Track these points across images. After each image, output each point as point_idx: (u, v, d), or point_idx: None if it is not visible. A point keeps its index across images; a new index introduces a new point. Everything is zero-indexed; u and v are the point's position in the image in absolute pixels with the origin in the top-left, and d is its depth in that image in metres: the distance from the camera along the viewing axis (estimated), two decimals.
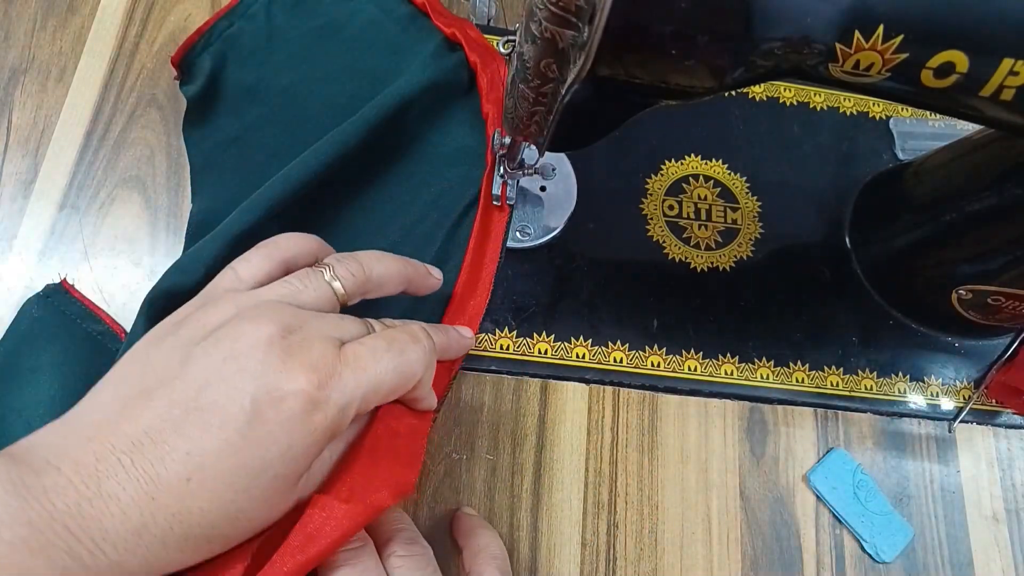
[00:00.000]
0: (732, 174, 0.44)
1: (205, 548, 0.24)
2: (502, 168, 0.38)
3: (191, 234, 0.38)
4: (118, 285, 0.37)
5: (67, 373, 0.33)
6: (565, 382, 0.38)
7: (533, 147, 0.34)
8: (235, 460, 0.23)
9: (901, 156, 0.45)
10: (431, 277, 0.33)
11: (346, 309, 0.30)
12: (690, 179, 0.43)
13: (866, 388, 0.39)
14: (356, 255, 0.31)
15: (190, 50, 0.41)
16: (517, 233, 0.39)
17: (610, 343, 0.38)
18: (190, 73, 0.41)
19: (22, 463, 0.22)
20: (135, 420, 0.23)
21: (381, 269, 0.30)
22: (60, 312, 0.35)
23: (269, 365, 0.24)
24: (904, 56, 0.25)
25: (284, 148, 0.39)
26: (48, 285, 0.36)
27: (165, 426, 0.23)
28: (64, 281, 0.36)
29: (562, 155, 0.42)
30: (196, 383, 0.24)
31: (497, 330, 0.38)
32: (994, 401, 0.40)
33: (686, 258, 0.41)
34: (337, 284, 0.29)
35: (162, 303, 0.31)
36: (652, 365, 0.38)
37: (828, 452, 0.37)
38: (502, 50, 0.42)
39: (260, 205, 0.34)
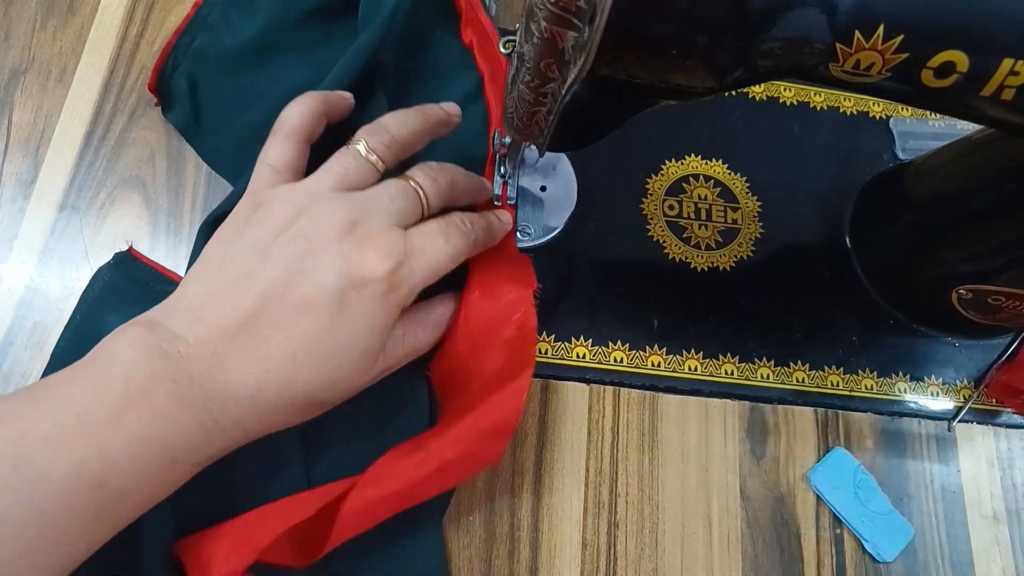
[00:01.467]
0: (732, 174, 0.44)
1: (307, 411, 0.29)
2: (502, 168, 0.38)
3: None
4: None
5: None
6: (565, 382, 0.38)
7: (533, 147, 0.34)
8: (330, 338, 0.27)
9: (901, 156, 0.45)
10: (450, 117, 0.35)
11: None
12: (690, 179, 0.43)
13: (866, 388, 0.39)
14: (382, 123, 0.32)
15: (162, 72, 0.40)
16: (517, 233, 0.39)
17: (610, 343, 0.38)
18: (168, 97, 0.40)
19: (155, 331, 0.26)
20: (234, 306, 0.27)
21: (407, 132, 0.33)
22: (131, 277, 0.36)
23: (347, 257, 0.28)
24: (904, 56, 0.25)
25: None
26: (117, 254, 0.37)
27: (263, 313, 0.27)
28: (131, 248, 0.37)
29: (562, 155, 0.42)
30: (281, 278, 0.27)
31: None
32: (994, 401, 0.40)
33: (686, 258, 0.41)
34: (374, 157, 0.31)
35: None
36: (652, 365, 0.38)
37: (829, 452, 0.37)
38: (502, 50, 0.42)
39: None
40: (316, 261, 0.27)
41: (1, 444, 0.22)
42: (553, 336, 0.38)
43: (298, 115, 0.32)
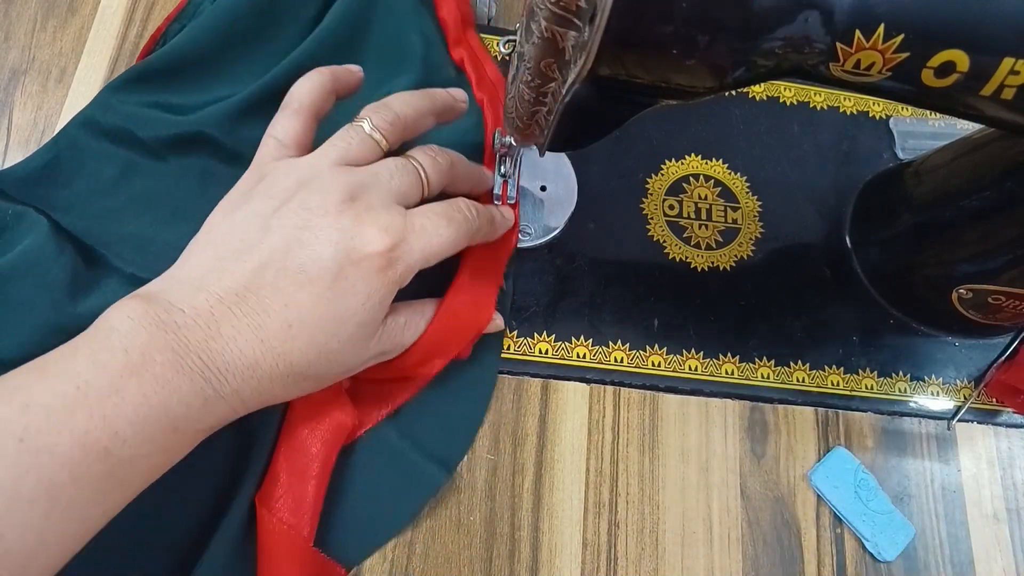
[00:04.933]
0: (732, 174, 0.44)
1: (304, 384, 0.29)
2: (502, 168, 0.38)
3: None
4: None
5: None
6: (566, 382, 0.38)
7: (533, 147, 0.34)
8: (326, 309, 0.27)
9: (901, 155, 0.45)
10: (457, 102, 0.35)
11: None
12: (690, 179, 0.43)
13: (867, 387, 0.39)
14: (387, 103, 0.32)
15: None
16: (518, 233, 0.39)
17: (611, 343, 0.38)
18: None
19: (153, 302, 0.26)
20: (233, 276, 0.27)
21: (412, 111, 0.33)
22: None
23: (345, 231, 0.28)
24: (905, 55, 0.25)
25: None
26: None
27: (262, 283, 0.27)
28: None
29: (562, 155, 0.42)
30: (280, 248, 0.27)
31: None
32: (994, 400, 0.40)
33: (686, 258, 0.41)
34: (378, 135, 0.31)
35: None
36: (653, 365, 0.38)
37: (829, 451, 0.38)
38: (502, 50, 0.42)
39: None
40: (315, 233, 0.28)
41: (4, 419, 0.22)
42: (553, 336, 0.38)
43: (307, 90, 0.32)
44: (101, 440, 0.23)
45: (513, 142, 0.36)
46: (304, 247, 0.28)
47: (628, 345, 0.38)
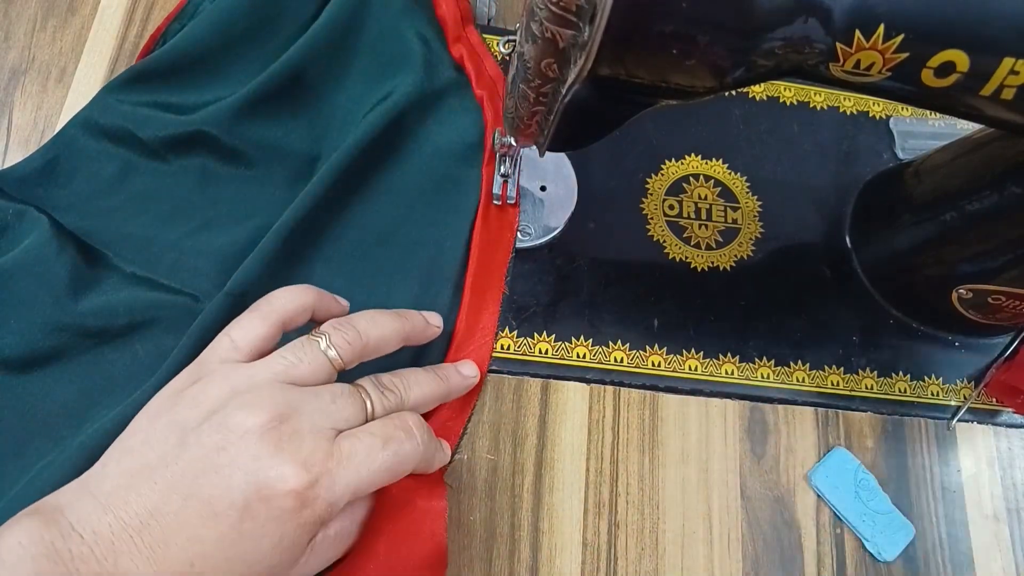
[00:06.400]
0: (732, 174, 0.44)
1: None
2: (502, 168, 0.38)
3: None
4: None
5: None
6: (566, 382, 0.38)
7: (533, 147, 0.34)
8: (231, 551, 0.25)
9: (901, 155, 0.45)
10: (430, 327, 0.33)
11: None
12: (690, 179, 0.43)
13: (867, 387, 0.39)
14: (352, 320, 0.30)
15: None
16: (518, 233, 0.39)
17: (611, 343, 0.38)
18: None
19: (52, 525, 0.24)
20: (141, 497, 0.25)
21: (377, 333, 0.30)
22: None
23: (260, 460, 0.25)
24: (905, 55, 0.25)
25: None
26: None
27: (167, 510, 0.25)
28: None
29: (562, 155, 0.42)
30: (192, 471, 0.25)
31: (498, 330, 0.38)
32: (994, 400, 0.40)
33: (686, 258, 0.41)
34: (333, 353, 0.29)
35: None
36: (653, 365, 0.38)
37: (829, 451, 0.38)
38: (502, 50, 0.42)
39: (265, 247, 0.35)
40: (231, 458, 0.25)
41: None
42: (553, 336, 0.38)
43: (285, 300, 0.30)
44: None
45: (513, 142, 0.36)
46: (217, 474, 0.25)
47: (628, 345, 0.38)
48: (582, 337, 0.38)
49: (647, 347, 0.39)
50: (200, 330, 0.32)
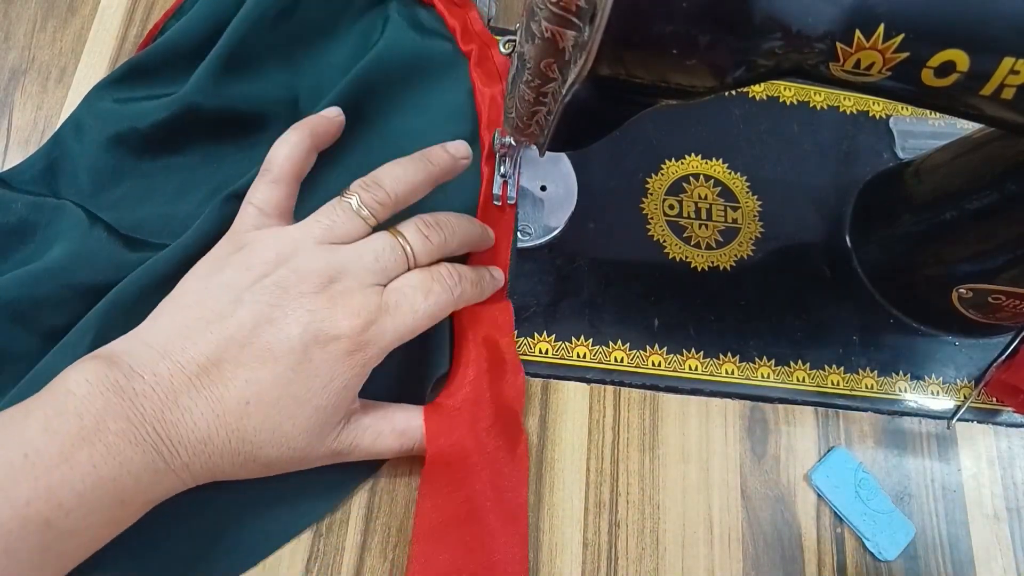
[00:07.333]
0: (732, 173, 0.44)
1: (252, 467, 0.28)
2: (502, 168, 0.38)
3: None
4: None
5: None
6: (566, 382, 0.38)
7: (533, 147, 0.34)
8: (285, 389, 0.27)
9: (901, 155, 0.45)
10: (457, 160, 0.34)
11: None
12: (690, 179, 0.43)
13: (867, 387, 0.39)
14: (379, 179, 0.31)
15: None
16: (518, 233, 0.39)
17: (611, 343, 0.38)
18: None
19: (115, 367, 0.25)
20: (198, 346, 0.26)
21: (404, 187, 0.31)
22: None
23: (315, 313, 0.27)
24: (905, 55, 0.25)
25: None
26: None
27: (226, 356, 0.27)
28: None
29: (562, 155, 0.42)
30: (249, 323, 0.27)
31: None
32: (994, 399, 0.40)
33: (686, 257, 0.41)
34: (365, 212, 0.31)
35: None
36: (653, 364, 0.38)
37: (829, 451, 0.38)
38: (502, 50, 0.42)
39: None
40: (286, 312, 0.27)
41: None
42: (553, 336, 0.38)
43: (286, 156, 0.31)
44: (43, 512, 0.22)
45: (513, 142, 0.36)
46: (273, 325, 0.27)
47: (628, 345, 0.38)
48: (582, 337, 0.38)
49: (647, 347, 0.39)
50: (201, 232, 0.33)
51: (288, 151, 0.32)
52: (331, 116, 0.34)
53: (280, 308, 0.27)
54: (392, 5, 0.42)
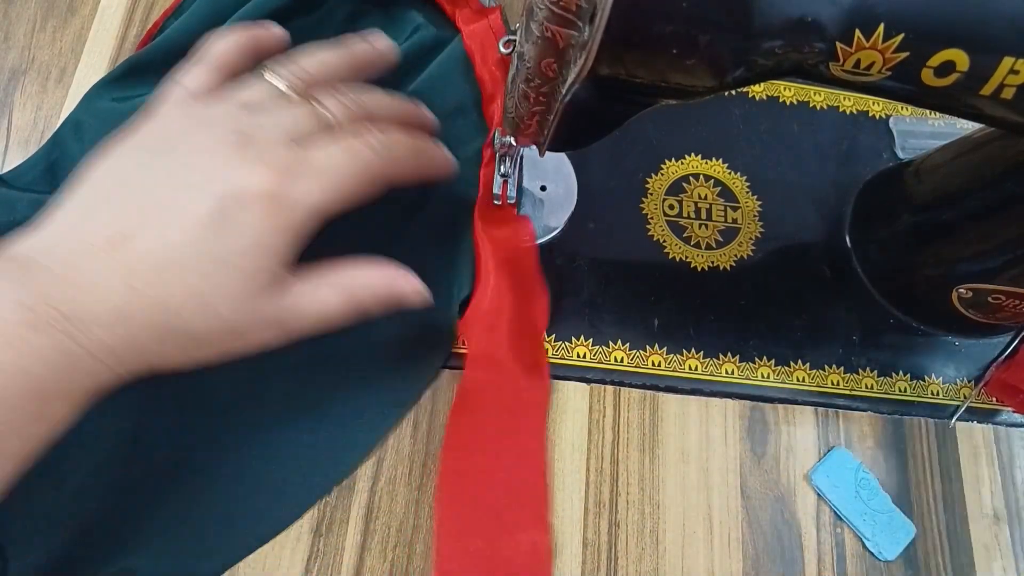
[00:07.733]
0: (732, 173, 0.44)
1: (182, 341, 0.25)
2: (502, 168, 0.38)
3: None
4: None
5: None
6: (566, 381, 0.38)
7: (533, 147, 0.34)
8: (203, 249, 0.25)
9: (901, 155, 0.45)
10: (375, 49, 0.32)
11: None
12: (690, 178, 0.43)
13: (867, 387, 0.39)
14: (291, 55, 0.30)
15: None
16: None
17: (611, 342, 0.38)
18: None
19: (12, 260, 0.24)
20: (104, 219, 0.25)
21: (315, 63, 0.30)
22: None
23: (230, 168, 0.25)
24: (904, 55, 0.25)
25: None
26: None
27: (134, 224, 0.25)
28: None
29: (562, 155, 0.42)
30: (158, 187, 0.25)
31: None
32: (994, 399, 0.40)
33: (686, 257, 0.41)
34: (277, 80, 0.29)
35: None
36: (653, 364, 0.38)
37: (830, 451, 0.38)
38: (503, 50, 0.42)
39: None
40: (200, 172, 0.25)
41: None
42: (553, 336, 0.38)
43: (221, 43, 0.30)
44: None
45: (513, 142, 0.36)
46: (185, 185, 0.25)
47: (628, 345, 0.38)
48: (582, 337, 0.38)
49: (647, 347, 0.39)
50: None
51: (225, 44, 0.30)
52: (275, 30, 0.32)
53: (194, 168, 0.26)
54: (392, 8, 0.42)
